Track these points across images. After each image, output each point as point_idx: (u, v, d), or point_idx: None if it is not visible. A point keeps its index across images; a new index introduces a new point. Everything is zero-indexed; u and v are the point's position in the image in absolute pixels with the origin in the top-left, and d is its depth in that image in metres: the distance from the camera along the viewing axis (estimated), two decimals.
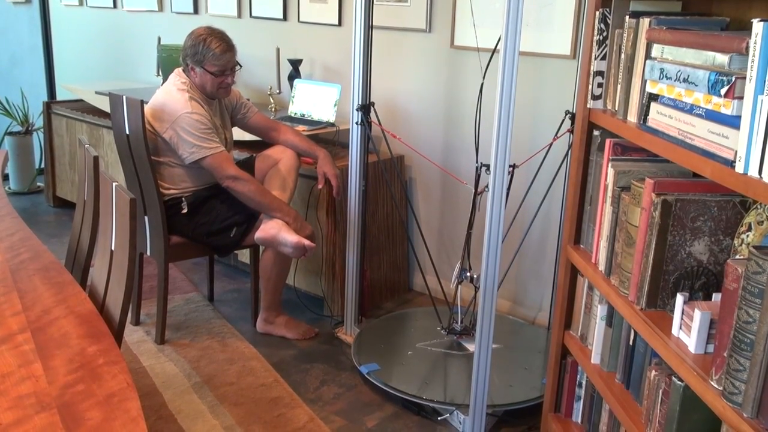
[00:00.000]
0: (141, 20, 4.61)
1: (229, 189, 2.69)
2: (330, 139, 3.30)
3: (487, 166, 2.20)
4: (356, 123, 2.78)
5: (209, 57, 2.69)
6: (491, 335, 2.31)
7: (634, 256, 1.57)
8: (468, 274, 2.66)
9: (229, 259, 3.65)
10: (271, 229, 2.67)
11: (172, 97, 2.70)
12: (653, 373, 1.51)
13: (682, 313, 1.43)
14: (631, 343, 1.66)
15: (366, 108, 2.78)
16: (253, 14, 3.90)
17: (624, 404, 1.64)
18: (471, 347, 2.72)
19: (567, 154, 2.65)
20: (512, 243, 2.93)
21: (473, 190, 2.56)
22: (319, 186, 2.86)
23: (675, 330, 1.44)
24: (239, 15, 3.98)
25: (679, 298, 1.43)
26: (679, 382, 1.41)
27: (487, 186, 2.24)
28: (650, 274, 1.52)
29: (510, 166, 2.21)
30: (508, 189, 2.30)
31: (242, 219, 2.79)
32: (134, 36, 4.68)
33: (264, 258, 2.89)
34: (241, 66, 2.85)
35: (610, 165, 1.70)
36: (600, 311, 1.79)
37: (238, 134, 3.09)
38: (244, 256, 3.48)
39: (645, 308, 1.54)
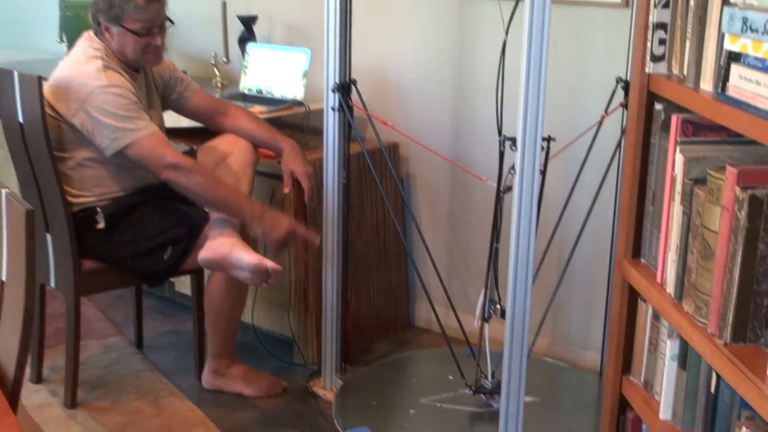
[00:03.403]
0: None
1: (170, 183, 2.69)
2: (297, 123, 3.30)
3: (513, 140, 2.20)
4: (333, 108, 2.78)
5: (129, 10, 2.69)
6: (523, 386, 2.31)
7: (713, 273, 1.57)
8: (497, 306, 2.66)
9: (162, 290, 3.64)
10: (220, 246, 2.67)
11: (79, 69, 2.70)
12: (744, 430, 1.51)
13: None
14: (713, 390, 1.66)
15: (345, 87, 2.78)
16: None
17: None
18: None
19: (621, 137, 2.66)
20: (553, 260, 2.93)
21: (496, 186, 2.56)
22: (286, 190, 2.86)
23: None
24: None
25: None
26: None
27: (513, 169, 2.24)
28: (736, 297, 1.52)
29: (544, 138, 2.21)
30: (543, 174, 2.30)
31: (180, 235, 2.79)
32: None
33: (211, 287, 2.88)
34: (173, 22, 2.85)
35: (678, 149, 1.70)
36: (670, 348, 1.79)
37: (172, 120, 3.09)
38: (183, 285, 3.47)
39: (730, 343, 1.54)
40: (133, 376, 3.10)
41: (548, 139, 2.32)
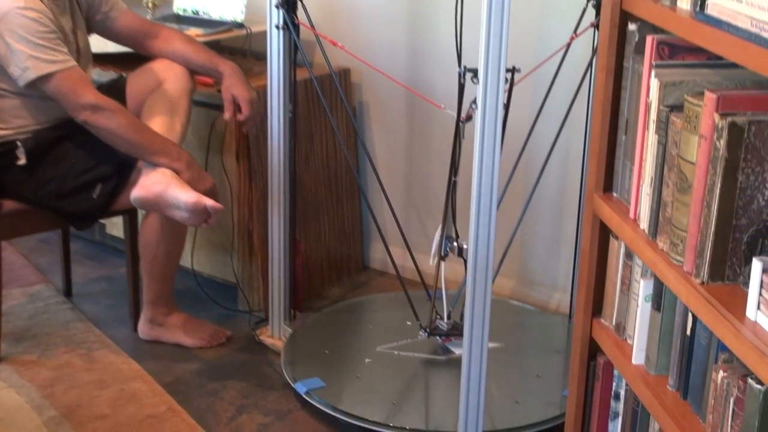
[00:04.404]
0: None
1: (88, 125, 2.66)
2: (238, 47, 3.26)
3: (474, 72, 2.20)
4: (276, 26, 2.76)
5: None
6: (486, 331, 2.33)
7: (690, 207, 1.59)
8: (455, 244, 2.67)
9: (92, 233, 3.62)
10: (155, 184, 2.65)
11: None
12: (721, 374, 1.54)
13: (761, 287, 1.45)
14: (688, 332, 1.68)
15: (290, 3, 2.75)
16: None
17: (680, 421, 1.67)
18: (461, 351, 2.74)
19: (591, 61, 2.66)
20: (517, 194, 2.95)
21: (455, 116, 2.56)
22: (227, 116, 2.83)
23: (751, 311, 1.47)
24: None
25: (756, 265, 1.45)
26: (758, 386, 1.43)
27: (474, 103, 2.24)
28: (714, 233, 1.53)
29: (508, 70, 2.21)
30: (506, 108, 2.30)
31: (110, 171, 2.77)
32: None
33: (146, 229, 2.87)
34: None
35: (653, 74, 1.70)
36: (643, 289, 1.81)
37: (99, 44, 3.03)
38: (115, 227, 3.44)
39: (708, 282, 1.56)
40: (61, 326, 3.08)
41: (513, 71, 2.31)
